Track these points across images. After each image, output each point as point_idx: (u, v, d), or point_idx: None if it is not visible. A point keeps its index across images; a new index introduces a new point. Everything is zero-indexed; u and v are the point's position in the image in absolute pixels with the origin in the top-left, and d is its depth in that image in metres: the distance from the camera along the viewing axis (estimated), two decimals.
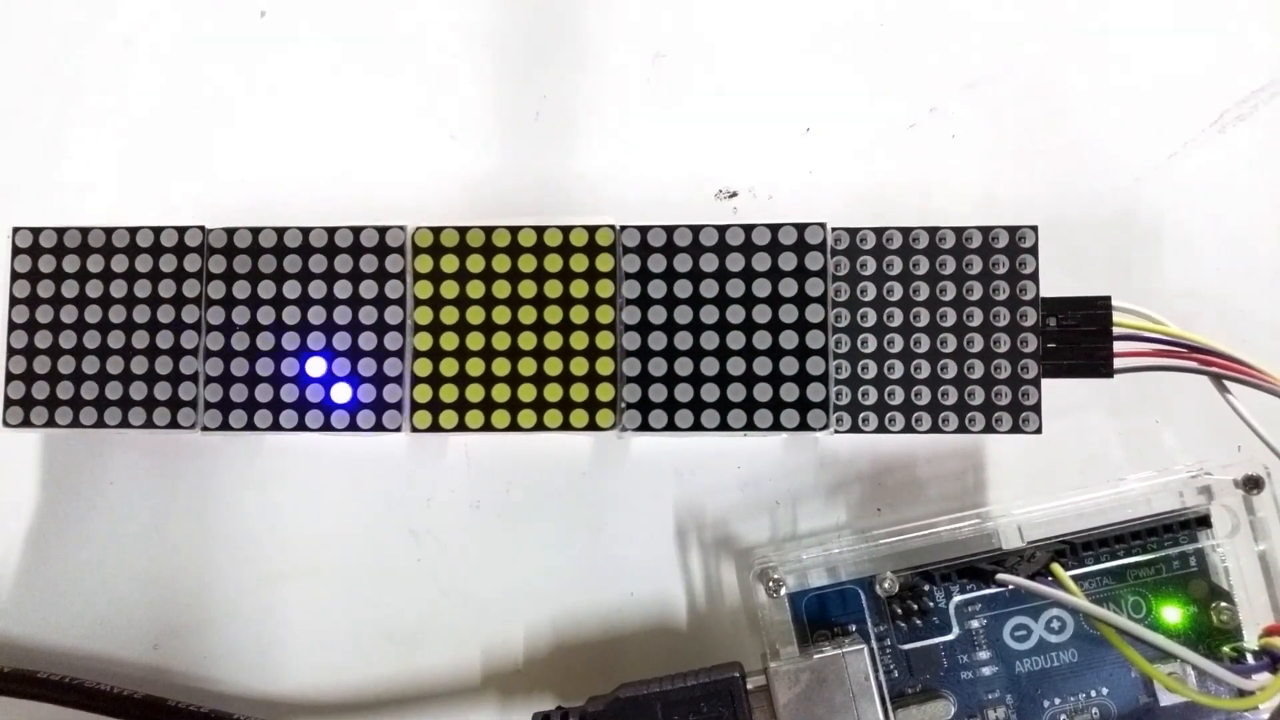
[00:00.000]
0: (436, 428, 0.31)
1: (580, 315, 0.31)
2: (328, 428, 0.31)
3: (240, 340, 0.31)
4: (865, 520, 0.34)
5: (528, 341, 0.31)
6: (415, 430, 0.31)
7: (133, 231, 0.32)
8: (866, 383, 0.31)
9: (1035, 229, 0.31)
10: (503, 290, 0.31)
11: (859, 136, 0.35)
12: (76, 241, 0.32)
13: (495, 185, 0.35)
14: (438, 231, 0.31)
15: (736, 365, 0.31)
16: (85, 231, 0.32)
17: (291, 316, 0.31)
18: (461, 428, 0.31)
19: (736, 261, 0.31)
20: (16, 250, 0.32)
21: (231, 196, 0.35)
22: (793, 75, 0.36)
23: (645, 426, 0.31)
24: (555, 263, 0.31)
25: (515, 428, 0.31)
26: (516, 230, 0.31)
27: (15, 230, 0.32)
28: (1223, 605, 0.31)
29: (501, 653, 0.34)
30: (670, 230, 0.31)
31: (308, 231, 0.32)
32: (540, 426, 0.31)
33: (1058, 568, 0.30)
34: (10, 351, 0.32)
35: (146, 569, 0.34)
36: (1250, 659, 0.30)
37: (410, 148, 0.36)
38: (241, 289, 0.31)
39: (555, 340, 0.31)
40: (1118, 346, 0.31)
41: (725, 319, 0.31)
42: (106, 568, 0.34)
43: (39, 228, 0.32)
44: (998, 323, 0.31)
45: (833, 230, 0.31)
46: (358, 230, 0.31)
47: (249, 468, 0.35)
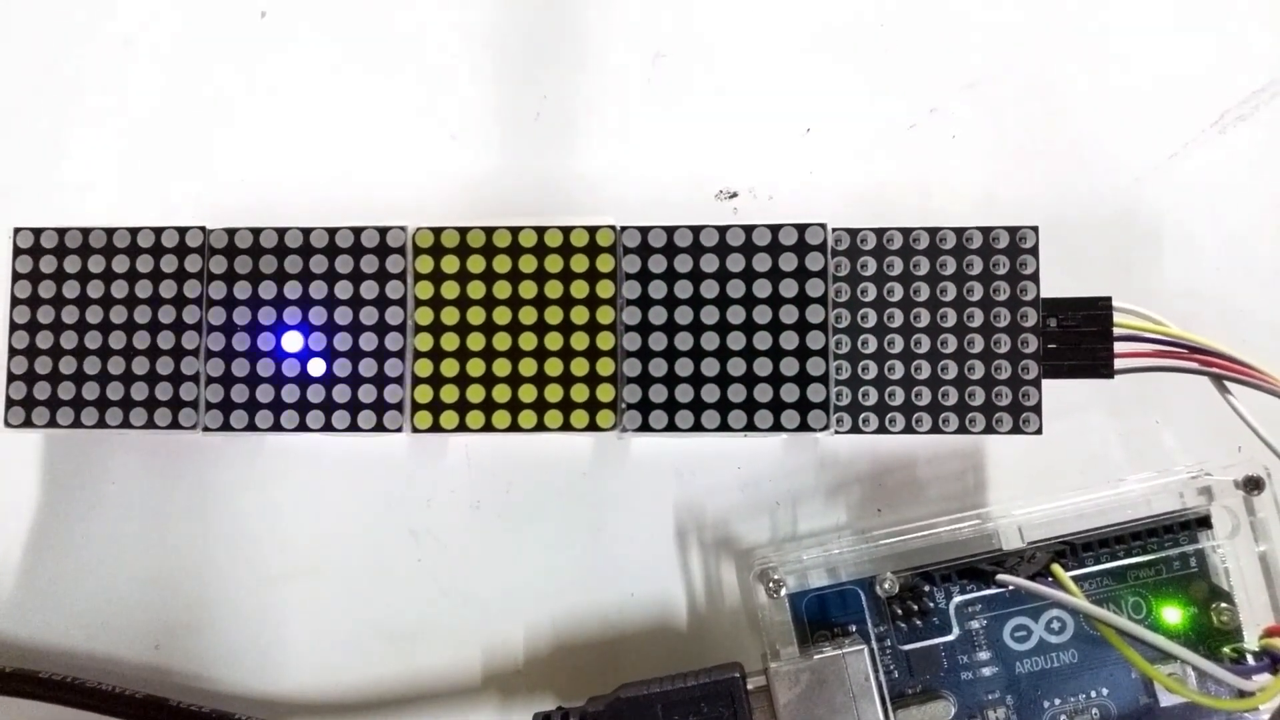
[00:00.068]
0: (437, 428, 0.31)
1: (581, 316, 0.31)
2: (329, 428, 0.31)
3: (241, 341, 0.31)
4: (865, 521, 0.34)
5: (528, 342, 0.31)
6: (416, 431, 0.31)
7: (133, 232, 0.32)
8: (867, 383, 0.31)
9: (1036, 229, 0.31)
10: (503, 291, 0.31)
11: (859, 137, 0.35)
12: (77, 242, 0.32)
13: (495, 185, 0.35)
14: (438, 232, 0.31)
15: (737, 366, 0.31)
16: (86, 232, 0.32)
17: (292, 317, 0.31)
18: (462, 428, 0.31)
19: (737, 262, 0.31)
20: (18, 250, 0.32)
21: (232, 196, 0.35)
22: (793, 75, 0.36)
23: (646, 427, 0.31)
24: (556, 263, 0.31)
25: (516, 428, 0.31)
26: (517, 231, 0.31)
27: (16, 230, 0.32)
28: (1223, 606, 0.31)
29: (502, 653, 0.34)
30: (671, 231, 0.31)
31: (308, 232, 0.31)
32: (541, 427, 0.31)
33: (1058, 568, 0.30)
34: (11, 352, 0.32)
35: (147, 569, 0.34)
36: (1250, 660, 0.30)
37: (410, 148, 0.36)
38: (242, 289, 0.31)
39: (556, 341, 0.31)
40: (1118, 347, 0.31)
41: (726, 319, 0.31)
42: (107, 568, 0.34)
43: (40, 228, 0.32)
44: (998, 323, 0.31)
45: (833, 231, 0.31)
46: (358, 231, 0.31)
47: (250, 468, 0.35)
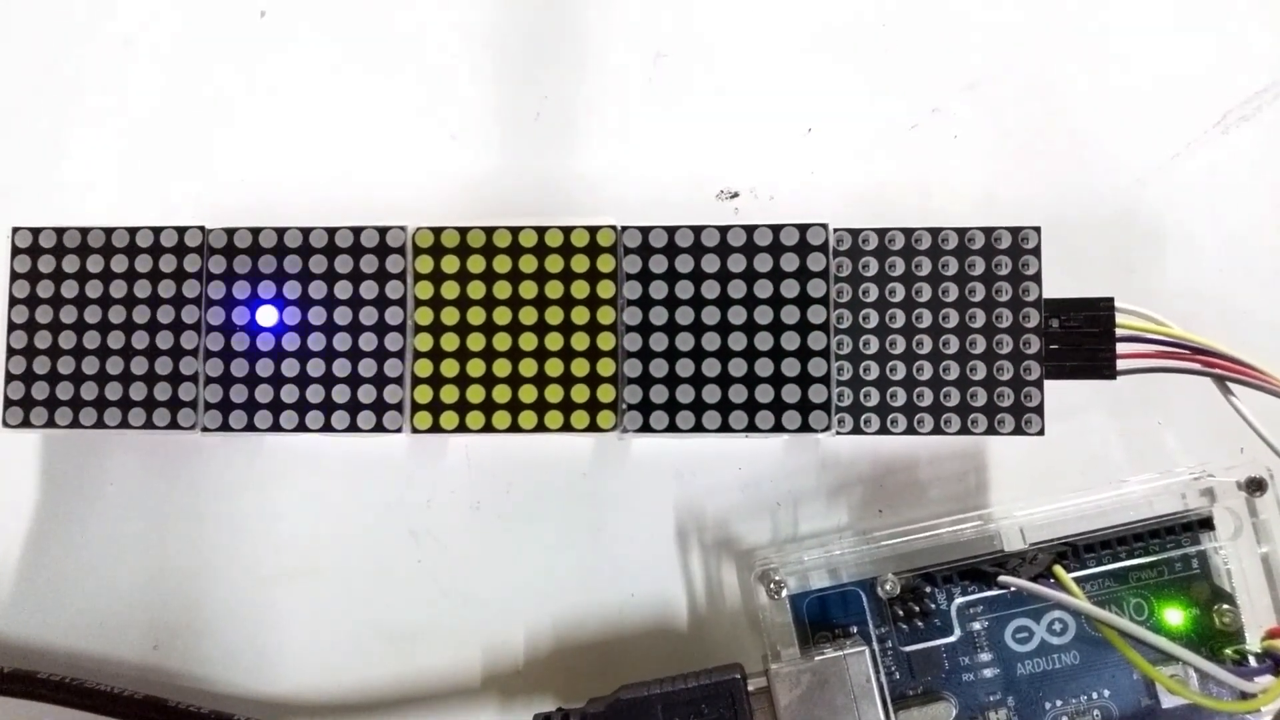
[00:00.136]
0: (437, 429, 0.31)
1: (581, 316, 0.31)
2: (328, 428, 0.31)
3: (240, 341, 0.31)
4: (867, 522, 0.34)
5: (529, 342, 0.31)
6: (416, 431, 0.31)
7: (133, 232, 0.32)
8: (869, 384, 0.31)
9: (1038, 230, 0.31)
10: (504, 291, 0.31)
11: (860, 137, 0.35)
12: (76, 241, 0.32)
13: (496, 185, 0.35)
14: (438, 232, 0.31)
15: (738, 366, 0.31)
16: (85, 231, 0.32)
17: (292, 317, 0.31)
18: (462, 429, 0.31)
19: (738, 262, 0.31)
20: (16, 250, 0.32)
21: (231, 196, 0.35)
22: (794, 75, 0.36)
23: (646, 428, 0.31)
24: (556, 263, 0.31)
25: (516, 429, 0.31)
26: (517, 231, 0.31)
27: (15, 230, 0.32)
28: (1225, 608, 0.31)
29: (502, 654, 0.34)
30: (672, 231, 0.31)
31: (308, 232, 0.31)
32: (541, 428, 0.31)
33: (1060, 570, 0.30)
34: (10, 352, 0.32)
35: (147, 569, 0.34)
36: (1252, 661, 0.30)
37: (410, 148, 0.36)
38: (242, 289, 0.31)
39: (556, 341, 0.31)
40: (1120, 348, 0.31)
41: (727, 320, 0.31)
42: (106, 568, 0.34)
43: (39, 228, 0.32)
44: (1000, 324, 0.31)
45: (835, 231, 0.31)
46: (358, 230, 0.31)
47: (249, 468, 0.35)
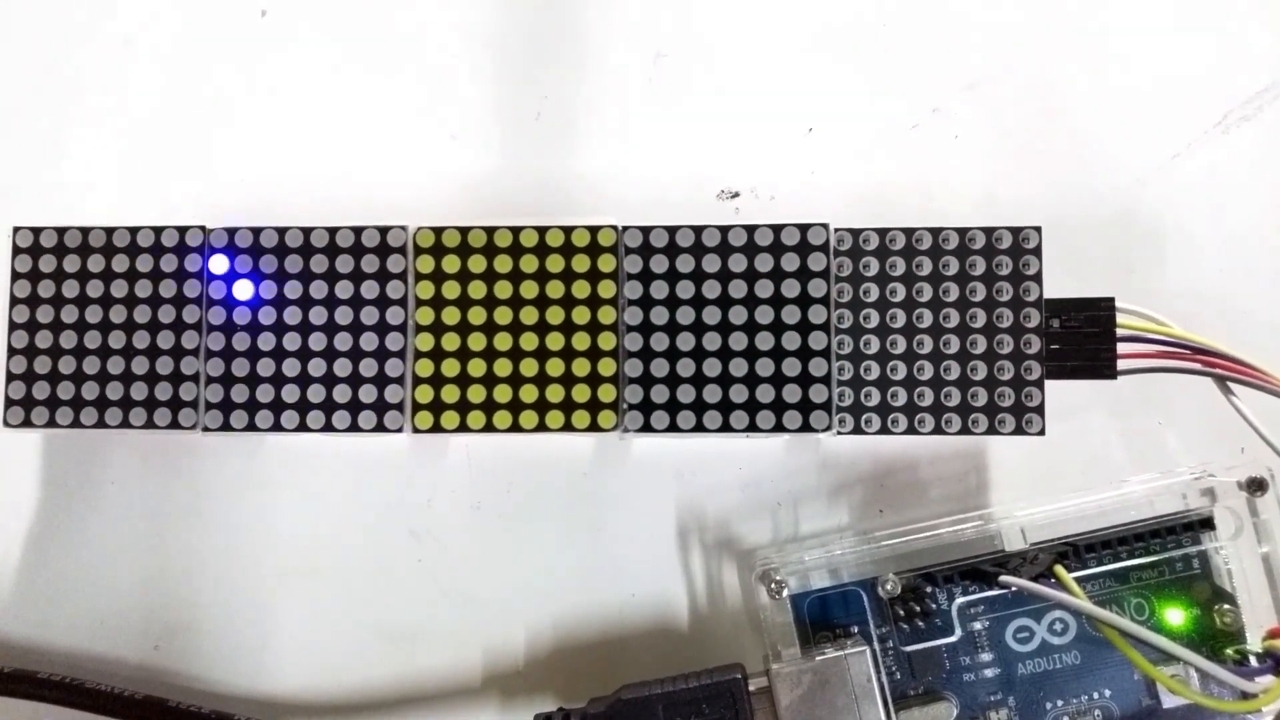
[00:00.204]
0: (438, 428, 0.31)
1: (582, 316, 0.31)
2: (329, 428, 0.31)
3: (241, 340, 0.31)
4: (867, 521, 0.34)
5: (529, 342, 0.31)
6: (417, 431, 0.31)
7: (133, 231, 0.32)
8: (869, 384, 0.31)
9: (1039, 230, 0.31)
10: (504, 291, 0.31)
11: (860, 137, 0.35)
12: (77, 241, 0.32)
13: (496, 185, 0.35)
14: (439, 232, 0.31)
15: (739, 366, 0.31)
16: (86, 231, 0.32)
17: (293, 317, 0.31)
18: (463, 428, 0.31)
19: (739, 262, 0.31)
20: (17, 250, 0.32)
21: (232, 196, 0.35)
22: (794, 75, 0.35)
23: (647, 427, 0.31)
24: (557, 263, 0.31)
25: (517, 429, 0.31)
26: (518, 230, 0.31)
27: (16, 230, 0.32)
28: (1226, 607, 0.31)
29: (502, 654, 0.34)
30: (673, 231, 0.31)
31: (309, 231, 0.31)
32: (542, 427, 0.31)
33: (1061, 569, 0.30)
34: (11, 351, 0.32)
35: (147, 569, 0.34)
36: (1253, 661, 0.30)
37: (410, 148, 0.36)
38: (243, 289, 0.31)
39: (557, 341, 0.31)
40: (1121, 348, 0.31)
41: (728, 320, 0.31)
42: (107, 568, 0.34)
43: (39, 227, 0.32)
44: (1001, 324, 0.31)
45: (836, 231, 0.31)
46: (359, 230, 0.31)
47: (250, 468, 0.35)
